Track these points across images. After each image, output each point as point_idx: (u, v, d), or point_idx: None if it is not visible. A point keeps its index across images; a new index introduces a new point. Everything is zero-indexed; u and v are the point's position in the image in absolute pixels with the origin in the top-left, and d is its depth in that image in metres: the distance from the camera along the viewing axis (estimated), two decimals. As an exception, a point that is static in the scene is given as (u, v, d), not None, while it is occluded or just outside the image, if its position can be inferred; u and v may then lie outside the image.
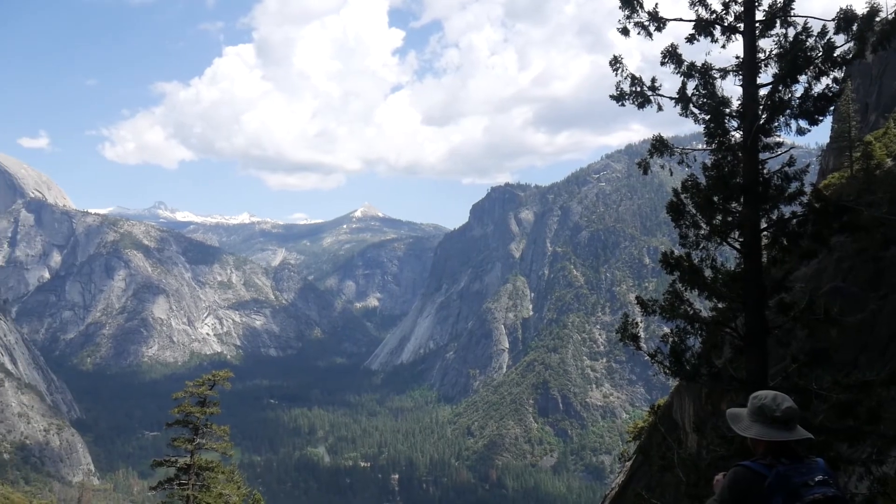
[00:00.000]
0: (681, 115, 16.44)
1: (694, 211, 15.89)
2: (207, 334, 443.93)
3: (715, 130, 16.06)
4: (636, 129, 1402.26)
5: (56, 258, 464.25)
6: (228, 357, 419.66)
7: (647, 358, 16.86)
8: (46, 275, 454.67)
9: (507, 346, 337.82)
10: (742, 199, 15.58)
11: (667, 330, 16.94)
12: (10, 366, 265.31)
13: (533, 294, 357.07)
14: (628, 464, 44.19)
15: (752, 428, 6.85)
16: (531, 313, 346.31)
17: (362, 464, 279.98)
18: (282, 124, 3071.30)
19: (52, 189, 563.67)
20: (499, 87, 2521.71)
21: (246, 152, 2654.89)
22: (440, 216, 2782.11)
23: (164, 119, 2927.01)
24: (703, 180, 16.01)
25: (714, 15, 16.18)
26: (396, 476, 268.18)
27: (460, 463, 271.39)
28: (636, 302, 17.56)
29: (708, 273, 15.94)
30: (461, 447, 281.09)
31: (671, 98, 16.71)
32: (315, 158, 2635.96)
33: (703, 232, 15.92)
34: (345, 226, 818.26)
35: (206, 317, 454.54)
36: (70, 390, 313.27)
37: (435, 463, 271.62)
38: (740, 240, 15.57)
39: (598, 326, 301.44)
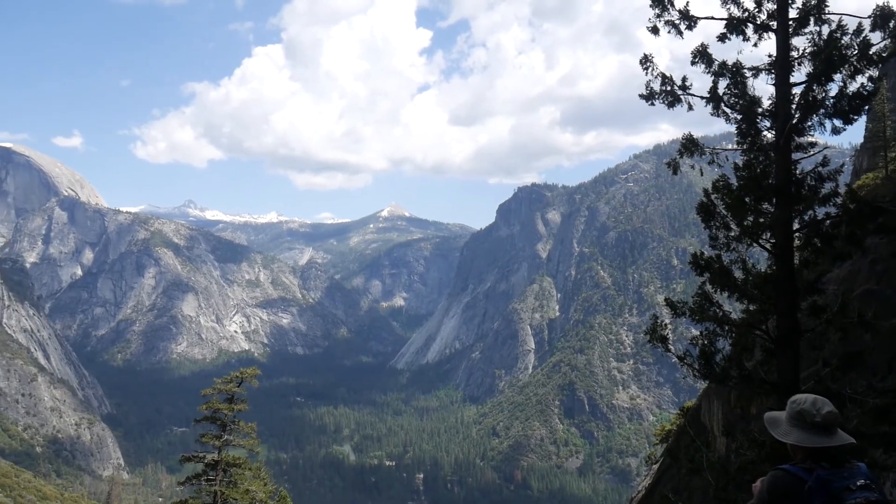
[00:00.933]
0: (712, 114, 16.26)
1: (725, 212, 15.70)
2: (235, 332, 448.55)
3: (747, 130, 15.85)
4: (665, 128, 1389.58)
5: (88, 255, 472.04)
6: (256, 355, 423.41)
7: (675, 360, 16.72)
8: (79, 272, 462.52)
9: (532, 346, 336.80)
10: (774, 200, 15.36)
11: (695, 332, 16.76)
12: (43, 361, 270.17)
13: (559, 295, 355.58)
14: (655, 466, 43.81)
15: (791, 433, 6.68)
16: (557, 314, 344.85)
17: (387, 463, 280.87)
18: (309, 124, 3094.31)
19: (84, 187, 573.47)
20: (526, 86, 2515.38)
21: (274, 151, 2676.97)
22: (466, 216, 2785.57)
23: (194, 119, 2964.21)
24: (734, 181, 15.81)
25: (746, 13, 15.98)
26: (421, 475, 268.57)
27: (485, 463, 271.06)
28: (665, 303, 17.41)
29: (738, 275, 15.73)
30: (486, 447, 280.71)
31: (702, 97, 16.54)
32: (342, 158, 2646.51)
33: (733, 233, 15.72)
34: (371, 225, 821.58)
35: (234, 315, 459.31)
36: (101, 385, 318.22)
37: (460, 463, 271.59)
38: (772, 241, 15.34)
39: (626, 328, 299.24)
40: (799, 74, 15.59)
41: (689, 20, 16.53)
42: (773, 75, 15.64)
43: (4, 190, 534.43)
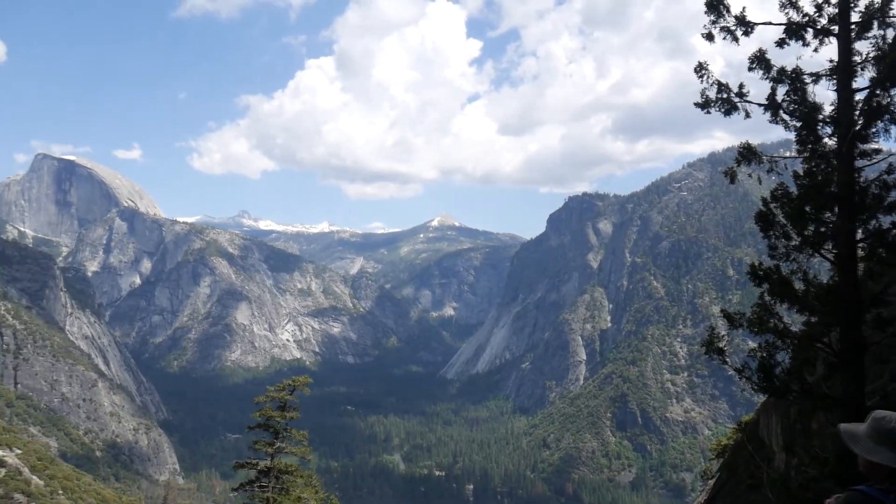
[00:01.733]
0: (770, 121, 15.92)
1: (784, 221, 15.33)
2: (287, 340, 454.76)
3: (807, 137, 15.47)
4: (720, 136, 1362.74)
5: (146, 265, 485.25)
6: (307, 363, 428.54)
7: (731, 373, 16.38)
8: (138, 280, 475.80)
9: (584, 357, 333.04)
10: (836, 209, 14.92)
11: (752, 344, 16.40)
12: (103, 367, 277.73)
13: (611, 305, 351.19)
14: (711, 482, 42.77)
15: (878, 452, 6.29)
16: (609, 325, 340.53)
17: (437, 473, 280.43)
18: (360, 135, 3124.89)
19: (143, 198, 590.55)
20: (576, 95, 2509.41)
21: (326, 162, 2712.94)
22: (517, 226, 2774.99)
23: (248, 131, 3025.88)
24: (793, 189, 15.43)
25: (806, 18, 15.63)
26: (471, 486, 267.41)
27: (536, 475, 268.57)
28: (721, 315, 17.07)
29: (799, 286, 15.31)
30: (537, 459, 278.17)
31: (759, 105, 16.21)
32: (392, 168, 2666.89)
33: (793, 243, 15.33)
34: (421, 235, 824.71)
35: (286, 323, 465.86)
36: (158, 392, 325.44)
37: (510, 474, 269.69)
38: (834, 251, 14.90)
39: (679, 339, 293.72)
40: (862, 80, 15.18)
41: (746, 26, 16.25)
42: (834, 81, 15.25)
43: (68, 201, 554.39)
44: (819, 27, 15.50)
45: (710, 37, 16.55)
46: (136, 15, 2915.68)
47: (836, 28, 15.26)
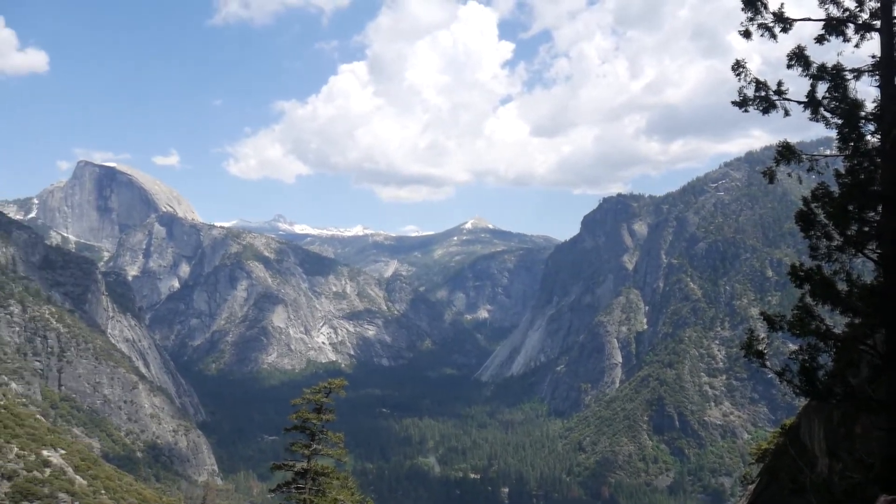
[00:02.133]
0: (810, 119, 15.62)
1: (826, 220, 15.03)
2: (323, 343, 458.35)
3: (849, 135, 15.16)
4: (757, 135, 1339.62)
5: (185, 269, 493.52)
6: (342, 366, 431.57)
7: (771, 375, 16.12)
8: (176, 284, 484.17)
9: (619, 360, 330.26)
10: (881, 208, 14.58)
11: (793, 347, 16.11)
12: (143, 369, 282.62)
13: (647, 307, 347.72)
14: (751, 487, 42.04)
15: None
16: (645, 327, 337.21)
17: (472, 475, 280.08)
18: (393, 138, 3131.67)
19: (181, 204, 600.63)
20: (610, 95, 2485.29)
21: (359, 166, 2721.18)
22: (551, 228, 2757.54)
23: (282, 136, 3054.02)
24: (835, 188, 15.13)
25: (847, 13, 15.34)
26: (506, 489, 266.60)
27: (571, 479, 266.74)
28: (761, 317, 16.79)
29: (842, 287, 14.99)
30: (572, 463, 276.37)
31: (799, 102, 15.94)
32: (425, 171, 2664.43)
33: (835, 243, 15.02)
34: (455, 238, 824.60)
35: (321, 326, 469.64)
36: (196, 394, 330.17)
37: (545, 477, 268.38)
38: (878, 251, 14.57)
39: (717, 342, 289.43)
40: (906, 75, 14.81)
41: (784, 22, 15.98)
42: (876, 77, 14.93)
43: (109, 207, 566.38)
44: (860, 22, 15.21)
45: (747, 34, 16.33)
46: (172, 25, 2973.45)
47: (878, 23, 14.95)
